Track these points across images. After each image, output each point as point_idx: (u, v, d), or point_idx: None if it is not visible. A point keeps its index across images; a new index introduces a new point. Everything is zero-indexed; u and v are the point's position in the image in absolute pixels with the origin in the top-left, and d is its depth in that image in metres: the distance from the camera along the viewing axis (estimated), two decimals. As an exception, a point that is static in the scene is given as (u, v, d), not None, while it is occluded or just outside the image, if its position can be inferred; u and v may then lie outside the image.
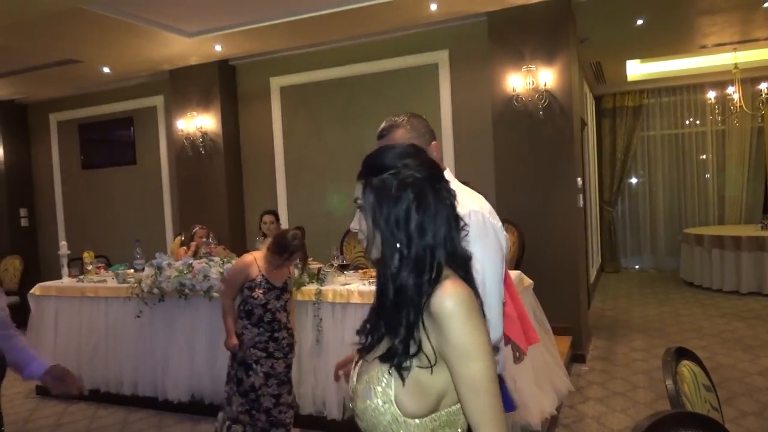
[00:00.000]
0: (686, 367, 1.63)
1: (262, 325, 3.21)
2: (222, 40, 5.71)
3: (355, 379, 1.22)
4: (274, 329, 3.23)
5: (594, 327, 5.88)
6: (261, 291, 3.19)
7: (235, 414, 3.21)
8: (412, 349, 1.08)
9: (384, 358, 1.13)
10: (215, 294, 3.95)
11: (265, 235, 5.24)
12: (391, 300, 1.14)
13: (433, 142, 1.92)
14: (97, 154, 7.72)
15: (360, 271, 4.24)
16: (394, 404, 1.10)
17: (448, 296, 1.07)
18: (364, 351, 1.21)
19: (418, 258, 1.11)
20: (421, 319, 1.09)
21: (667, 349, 1.67)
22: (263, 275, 3.21)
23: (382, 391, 1.12)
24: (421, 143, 1.84)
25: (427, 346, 1.08)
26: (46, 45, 5.51)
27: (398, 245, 1.13)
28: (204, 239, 4.88)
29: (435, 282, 1.10)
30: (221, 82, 6.48)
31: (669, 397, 1.50)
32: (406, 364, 1.09)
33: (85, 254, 5.17)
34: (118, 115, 7.43)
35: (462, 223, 1.19)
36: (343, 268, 4.11)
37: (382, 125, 1.93)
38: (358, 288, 3.67)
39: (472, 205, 1.70)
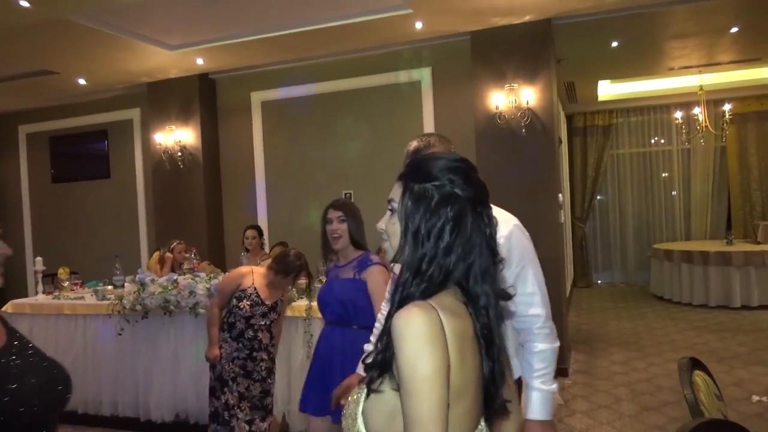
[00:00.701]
0: (699, 377, 1.68)
1: (242, 340, 3.15)
2: (204, 54, 5.67)
3: None
4: (254, 348, 3.17)
5: (572, 341, 5.98)
6: (248, 303, 3.15)
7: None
8: (385, 367, 1.03)
9: (365, 369, 1.10)
10: (201, 310, 3.88)
11: (247, 250, 5.18)
12: (395, 309, 1.08)
13: None
14: (68, 167, 7.53)
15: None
16: (359, 417, 1.07)
17: (402, 317, 0.99)
18: None
19: (432, 276, 1.08)
20: None
21: (680, 359, 1.72)
22: (255, 288, 3.18)
23: (355, 404, 1.10)
24: None
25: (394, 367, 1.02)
26: (23, 55, 5.37)
27: (420, 259, 1.09)
28: (187, 255, 4.79)
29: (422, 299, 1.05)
30: (201, 96, 6.42)
31: (689, 406, 1.54)
32: (376, 384, 1.04)
33: (61, 270, 5.01)
34: (92, 127, 7.27)
35: (498, 258, 1.13)
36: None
37: (415, 144, 1.92)
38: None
39: (512, 220, 1.76)
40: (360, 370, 2.04)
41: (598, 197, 9.85)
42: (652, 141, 9.57)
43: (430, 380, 0.95)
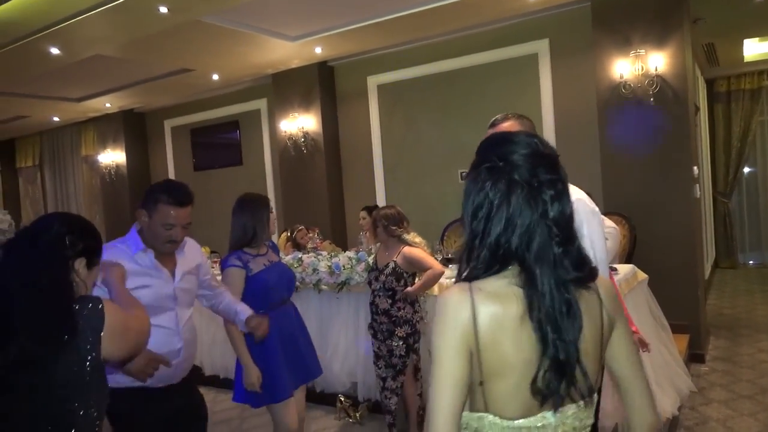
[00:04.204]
0: None
1: (370, 305, 3.42)
2: (322, 43, 5.89)
3: None
4: (374, 312, 3.36)
5: (711, 326, 5.51)
6: (367, 271, 3.52)
7: None
8: None
9: None
10: (324, 287, 4.10)
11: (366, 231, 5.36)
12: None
13: None
14: (207, 156, 8.23)
15: (464, 265, 4.23)
16: None
17: (441, 294, 1.12)
18: None
19: (480, 257, 1.09)
20: None
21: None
22: (375, 256, 3.49)
23: None
24: None
25: None
26: (165, 56, 5.95)
27: (472, 238, 1.11)
28: (310, 235, 5.07)
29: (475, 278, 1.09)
30: (321, 83, 6.69)
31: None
32: None
33: (203, 249, 5.52)
34: (226, 119, 7.88)
35: (562, 235, 1.07)
36: (447, 261, 4.12)
37: (496, 116, 2.10)
38: (464, 281, 3.67)
39: (575, 194, 1.77)
40: None
41: (745, 170, 8.88)
42: (813, 104, 8.42)
43: (443, 352, 1.05)
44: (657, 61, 4.69)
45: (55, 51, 5.35)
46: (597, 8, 4.98)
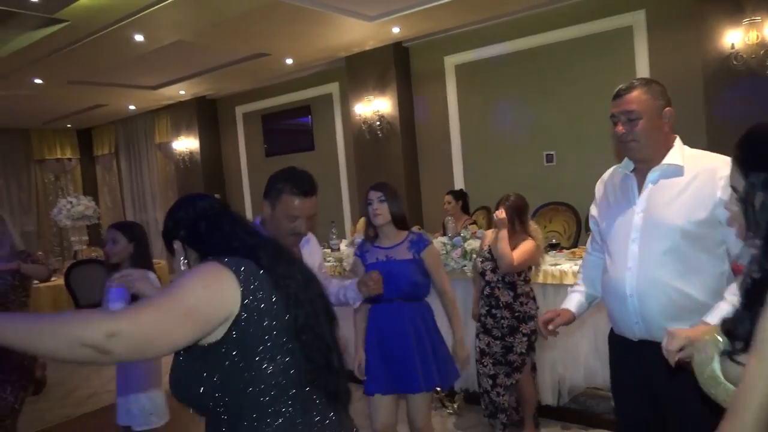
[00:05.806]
0: None
1: (483, 297, 3.24)
2: (400, 22, 5.72)
3: None
4: (492, 305, 3.19)
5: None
6: (480, 259, 3.27)
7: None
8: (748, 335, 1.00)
9: (724, 325, 1.11)
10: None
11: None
12: (750, 283, 1.04)
13: (667, 108, 1.85)
14: (278, 142, 8.22)
15: (566, 250, 4.01)
16: (716, 360, 1.10)
17: None
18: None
19: None
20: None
21: None
22: (489, 245, 3.25)
23: (713, 345, 1.12)
24: (654, 105, 1.83)
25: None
26: (243, 40, 5.93)
27: None
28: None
29: None
30: (396, 65, 6.53)
31: None
32: (740, 356, 1.04)
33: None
34: (297, 104, 7.83)
35: None
36: (552, 247, 3.91)
37: (620, 86, 1.87)
38: (572, 268, 3.46)
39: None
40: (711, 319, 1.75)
41: None
42: None
43: None
44: (774, 28, 4.30)
45: (139, 38, 5.40)
46: (703, -26, 4.61)
